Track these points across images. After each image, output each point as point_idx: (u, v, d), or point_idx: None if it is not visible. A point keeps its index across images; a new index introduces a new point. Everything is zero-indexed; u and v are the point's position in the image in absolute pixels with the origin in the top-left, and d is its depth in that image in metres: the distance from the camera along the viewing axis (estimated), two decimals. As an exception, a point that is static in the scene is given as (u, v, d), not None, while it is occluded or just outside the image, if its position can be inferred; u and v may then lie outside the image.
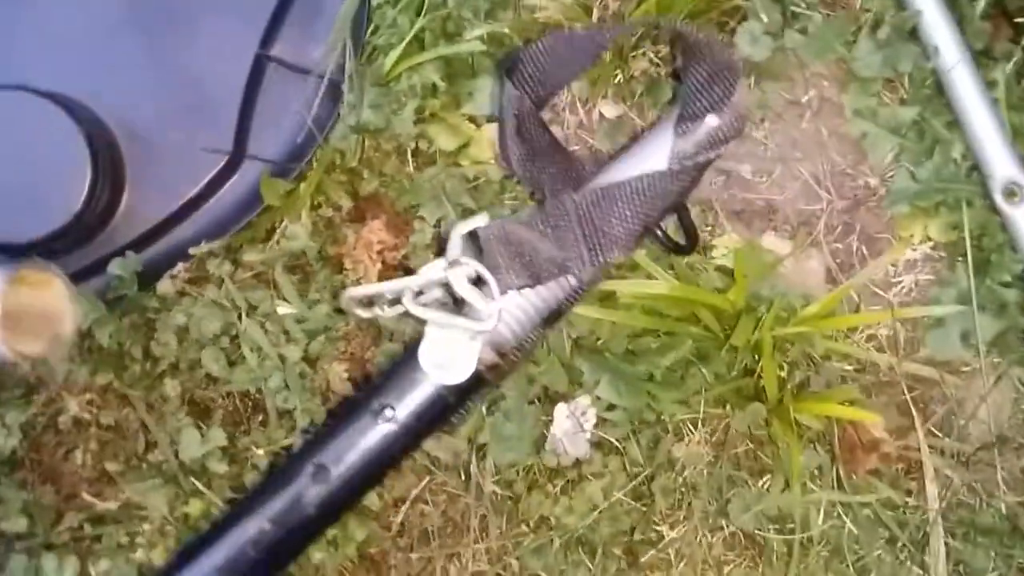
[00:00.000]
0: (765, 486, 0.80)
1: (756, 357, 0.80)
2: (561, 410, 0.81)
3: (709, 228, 0.86)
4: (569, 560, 0.79)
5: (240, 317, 0.83)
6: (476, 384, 0.55)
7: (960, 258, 0.83)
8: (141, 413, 0.81)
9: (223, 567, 0.48)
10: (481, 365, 0.54)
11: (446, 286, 0.52)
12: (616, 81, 0.86)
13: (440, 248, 0.76)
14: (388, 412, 0.53)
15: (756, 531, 0.79)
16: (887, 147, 0.85)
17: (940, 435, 0.82)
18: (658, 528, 0.80)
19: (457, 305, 0.54)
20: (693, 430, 0.81)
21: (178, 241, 0.86)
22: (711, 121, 0.59)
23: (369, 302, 0.57)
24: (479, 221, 0.56)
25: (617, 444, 0.81)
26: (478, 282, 0.58)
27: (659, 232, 0.70)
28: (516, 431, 0.80)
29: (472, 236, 0.60)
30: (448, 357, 0.53)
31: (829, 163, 0.87)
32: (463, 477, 0.81)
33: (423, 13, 0.83)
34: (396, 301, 0.54)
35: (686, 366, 0.81)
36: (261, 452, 0.80)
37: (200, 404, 0.83)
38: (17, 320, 0.50)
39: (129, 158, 0.86)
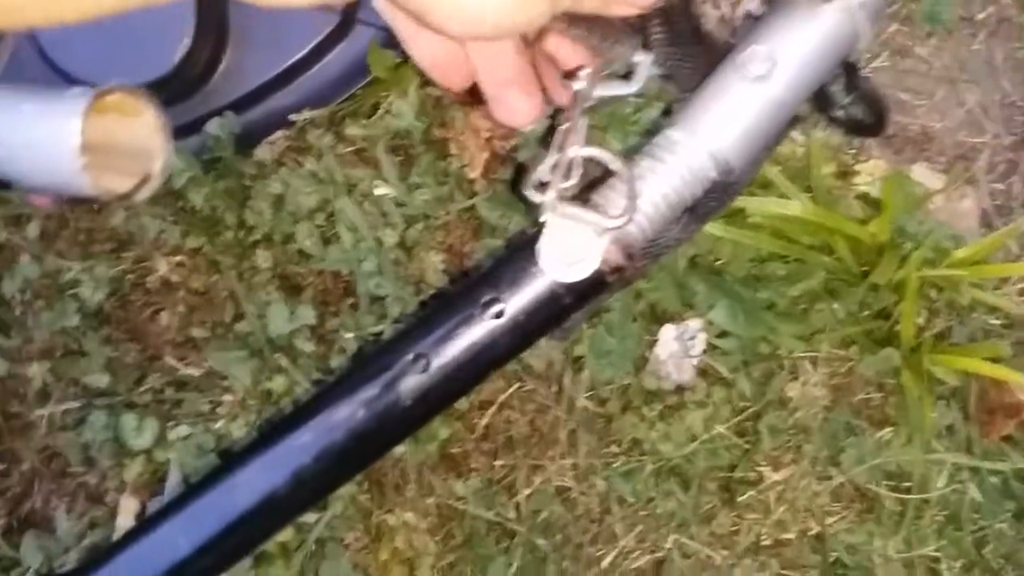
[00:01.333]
0: (885, 439, 0.73)
1: (895, 299, 0.71)
2: (668, 331, 0.75)
3: (854, 151, 0.78)
4: (660, 489, 0.74)
5: (338, 194, 0.78)
6: (596, 286, 0.48)
7: None
8: (231, 281, 0.78)
9: (310, 449, 0.44)
10: (605, 266, 0.47)
11: (569, 170, 0.45)
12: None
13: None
14: (497, 306, 0.46)
15: (868, 485, 0.73)
16: (1076, 78, 0.74)
17: (1088, 408, 0.73)
18: (760, 468, 0.74)
19: (579, 195, 0.47)
20: (812, 369, 0.74)
21: (279, 107, 0.82)
22: None
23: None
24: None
25: (725, 375, 0.75)
26: (606, 173, 0.51)
27: (834, 111, 0.60)
28: (618, 347, 0.74)
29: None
30: (570, 252, 0.45)
31: (999, 92, 0.78)
32: (555, 388, 0.76)
33: None
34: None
35: (813, 299, 0.74)
36: (350, 336, 0.76)
37: (291, 280, 0.80)
38: (103, 151, 0.46)
39: (234, 13, 0.82)
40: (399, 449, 0.72)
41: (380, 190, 0.79)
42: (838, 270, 0.74)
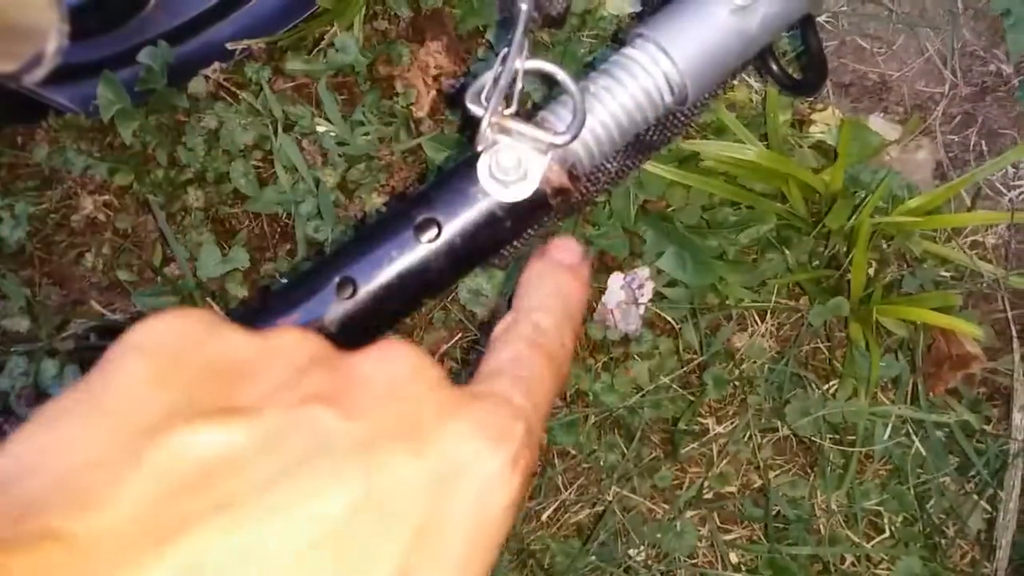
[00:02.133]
0: (831, 391, 0.72)
1: (845, 248, 0.70)
2: (616, 279, 0.73)
3: (810, 100, 0.76)
4: (603, 441, 0.73)
5: (276, 131, 0.74)
6: (537, 208, 0.46)
7: (1096, 168, 0.72)
8: (160, 222, 0.74)
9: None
10: (547, 186, 0.45)
11: (511, 85, 0.42)
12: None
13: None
14: (433, 228, 0.43)
15: (812, 438, 0.72)
16: (1035, 28, 0.73)
17: (1036, 362, 0.73)
18: (704, 421, 0.73)
19: (519, 111, 0.44)
20: (759, 321, 0.73)
21: (217, 38, 0.78)
22: None
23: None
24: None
25: (673, 324, 0.73)
26: (550, 85, 0.48)
27: (773, 62, 0.59)
28: (564, 294, 0.72)
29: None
30: (510, 170, 0.43)
31: (960, 41, 0.76)
32: (499, 337, 0.74)
33: None
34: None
35: (763, 248, 0.72)
36: (285, 281, 0.73)
37: (224, 222, 0.76)
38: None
39: (173, -62, 0.77)
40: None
41: (321, 128, 0.76)
42: (790, 217, 0.72)
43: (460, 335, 0.76)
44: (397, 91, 0.76)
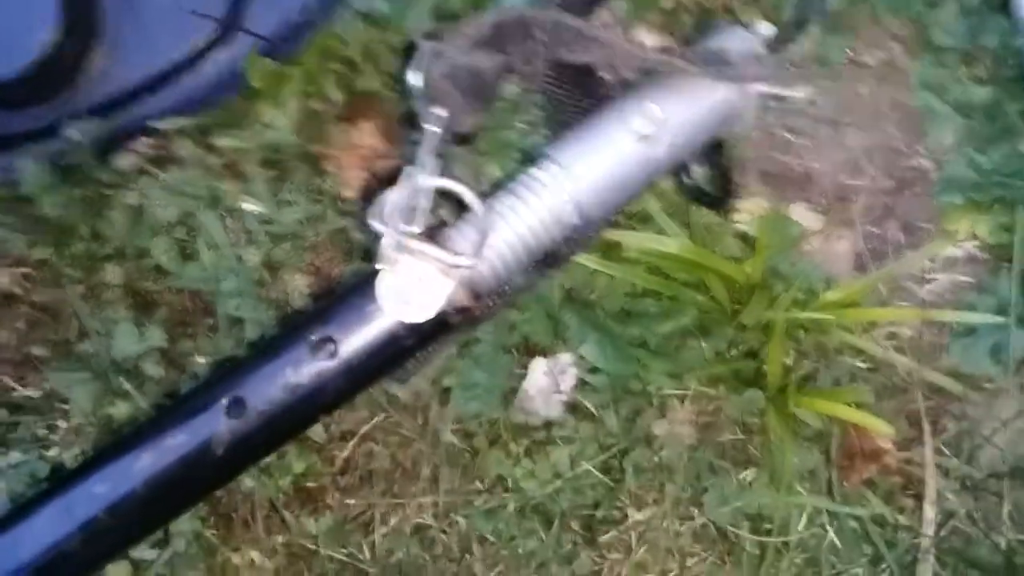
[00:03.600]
0: (748, 480, 0.74)
1: (763, 339, 0.72)
2: (539, 364, 0.74)
3: (736, 188, 0.78)
4: (522, 527, 0.73)
5: (201, 208, 0.74)
6: (440, 328, 0.46)
7: (1006, 264, 0.75)
8: (73, 299, 0.73)
9: (103, 500, 0.41)
10: (449, 306, 0.45)
11: (416, 204, 0.43)
12: (664, 7, 0.76)
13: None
14: (329, 346, 0.44)
15: (730, 527, 0.73)
16: (950, 128, 0.77)
17: (948, 455, 0.76)
18: (623, 507, 0.74)
19: (426, 231, 0.45)
20: (679, 407, 0.74)
21: (148, 113, 0.78)
22: (764, 30, 0.49)
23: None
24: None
25: (594, 410, 0.74)
26: (459, 205, 0.49)
27: (687, 178, 0.61)
28: (486, 380, 0.73)
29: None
30: (411, 290, 0.44)
31: (882, 136, 0.79)
32: (420, 421, 0.75)
33: None
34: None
35: (684, 337, 0.74)
36: (203, 360, 0.73)
37: (144, 298, 0.76)
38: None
39: (108, 11, 0.78)
40: (249, 483, 0.69)
41: (247, 205, 0.76)
42: (711, 309, 0.74)
43: (382, 415, 0.76)
44: (327, 171, 0.77)
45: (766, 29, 0.49)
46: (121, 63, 0.78)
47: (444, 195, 0.50)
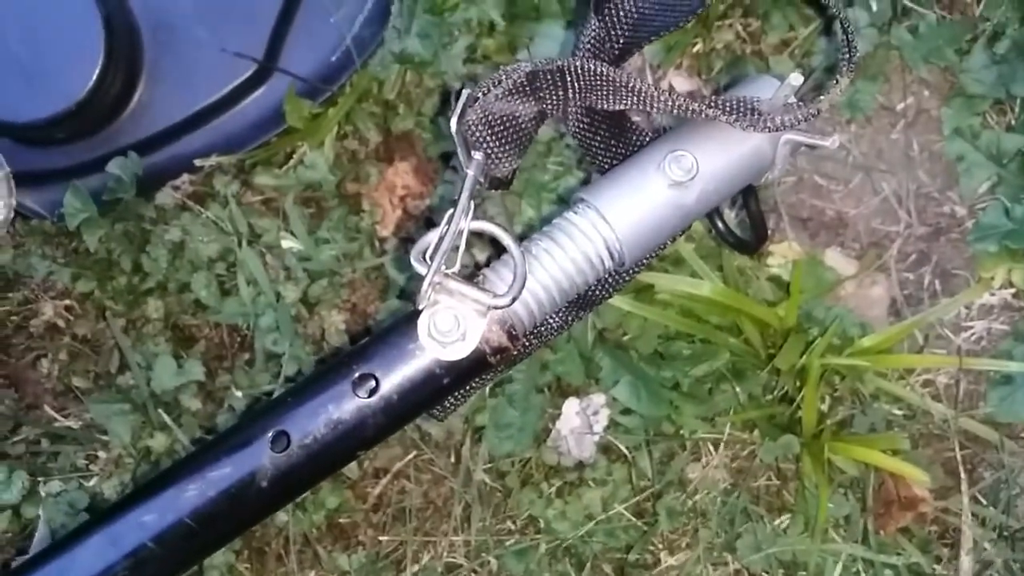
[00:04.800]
0: (782, 526, 0.74)
1: (798, 384, 0.73)
2: (572, 405, 0.75)
3: (769, 233, 0.79)
4: (553, 569, 0.74)
5: (240, 244, 0.77)
6: (477, 366, 0.48)
7: (1044, 313, 0.75)
8: (115, 331, 0.75)
9: (151, 530, 0.42)
10: (486, 346, 0.47)
11: (456, 245, 0.45)
12: (695, 51, 0.78)
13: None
14: (370, 383, 0.46)
15: (764, 573, 0.73)
16: (983, 175, 0.78)
17: (985, 504, 0.75)
18: (656, 552, 0.74)
19: (463, 270, 0.47)
20: (713, 451, 0.75)
21: (188, 150, 0.81)
22: (793, 80, 0.50)
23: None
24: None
25: (627, 452, 0.75)
26: (495, 246, 0.51)
27: (720, 223, 0.62)
28: (519, 420, 0.74)
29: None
30: (450, 330, 0.45)
31: (915, 182, 0.80)
32: (453, 459, 0.76)
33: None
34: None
35: (717, 381, 0.74)
36: (240, 395, 0.75)
37: (183, 331, 0.78)
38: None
39: (150, 50, 0.81)
40: (282, 517, 0.71)
41: (286, 243, 0.79)
42: (744, 352, 0.74)
43: (415, 453, 0.77)
44: (364, 209, 0.79)
45: (796, 79, 0.50)
46: (162, 102, 0.82)
47: (480, 235, 0.51)
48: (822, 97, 0.50)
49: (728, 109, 0.50)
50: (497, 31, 0.78)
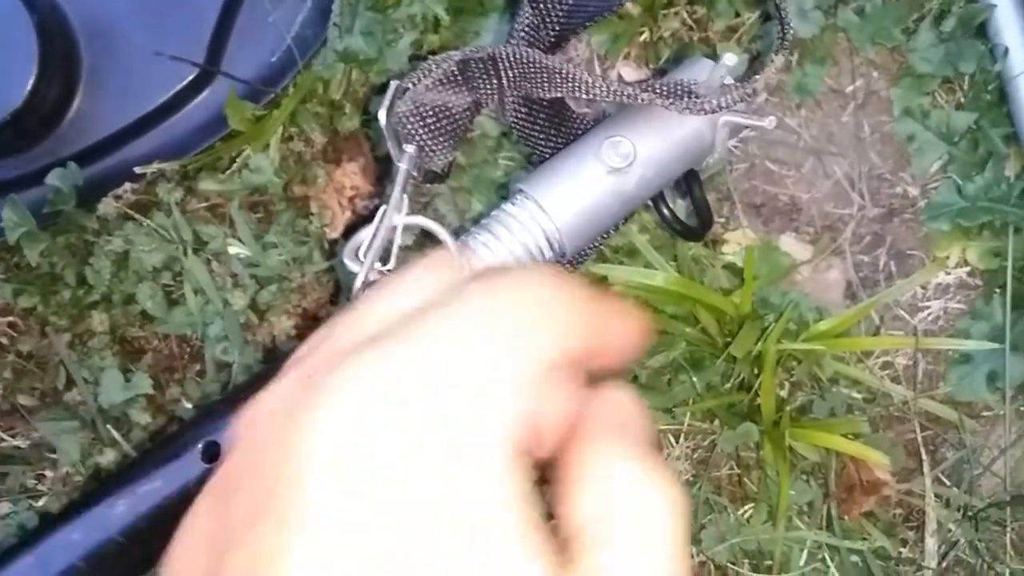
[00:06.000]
0: (746, 516, 0.73)
1: (756, 371, 0.72)
2: (530, 402, 0.74)
3: (723, 220, 0.80)
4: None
5: (186, 252, 0.75)
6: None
7: (998, 290, 0.76)
8: (59, 347, 0.74)
9: (79, 548, 0.41)
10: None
11: (389, 242, 0.44)
12: (642, 40, 0.78)
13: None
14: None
15: (729, 564, 0.73)
16: (934, 154, 0.78)
17: (948, 484, 0.75)
18: (620, 547, 0.73)
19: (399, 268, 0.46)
20: (674, 443, 0.74)
21: (129, 158, 0.80)
22: (728, 60, 0.50)
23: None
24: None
25: (587, 448, 0.74)
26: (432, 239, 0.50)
27: (665, 210, 0.61)
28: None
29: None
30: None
31: (867, 164, 0.80)
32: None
33: (432, -66, 0.75)
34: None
35: (675, 371, 0.74)
36: (190, 406, 0.73)
37: (131, 344, 0.77)
38: None
39: (87, 57, 0.80)
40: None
41: (233, 249, 0.77)
42: (701, 342, 0.74)
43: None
44: (312, 212, 0.78)
45: (730, 59, 0.50)
46: (102, 109, 0.80)
47: (427, 234, 0.51)
48: (757, 76, 0.49)
49: (664, 93, 0.49)
50: (442, 26, 0.77)
